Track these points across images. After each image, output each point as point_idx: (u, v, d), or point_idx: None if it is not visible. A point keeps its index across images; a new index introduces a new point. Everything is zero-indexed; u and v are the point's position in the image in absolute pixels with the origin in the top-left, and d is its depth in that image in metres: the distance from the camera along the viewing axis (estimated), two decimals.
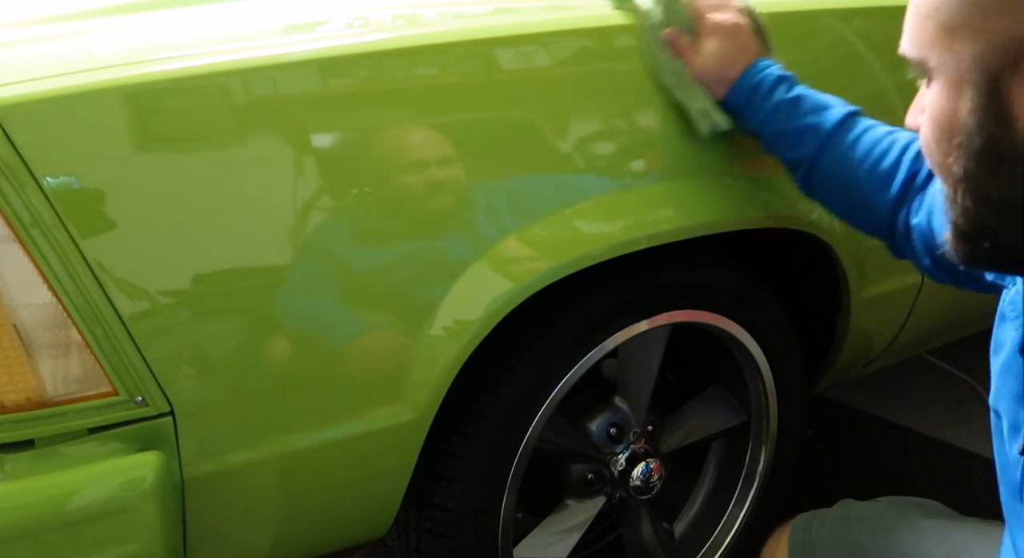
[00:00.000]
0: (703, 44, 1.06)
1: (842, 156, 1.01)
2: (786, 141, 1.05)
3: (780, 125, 1.04)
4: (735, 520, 1.42)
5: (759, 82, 1.05)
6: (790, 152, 1.05)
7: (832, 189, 1.04)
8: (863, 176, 0.99)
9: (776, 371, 1.33)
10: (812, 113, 1.03)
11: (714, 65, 1.05)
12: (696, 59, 1.05)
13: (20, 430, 0.82)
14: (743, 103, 1.06)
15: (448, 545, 1.12)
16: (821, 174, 1.03)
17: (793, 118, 1.03)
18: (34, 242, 0.77)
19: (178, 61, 0.84)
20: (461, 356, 0.98)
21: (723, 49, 1.05)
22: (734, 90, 1.06)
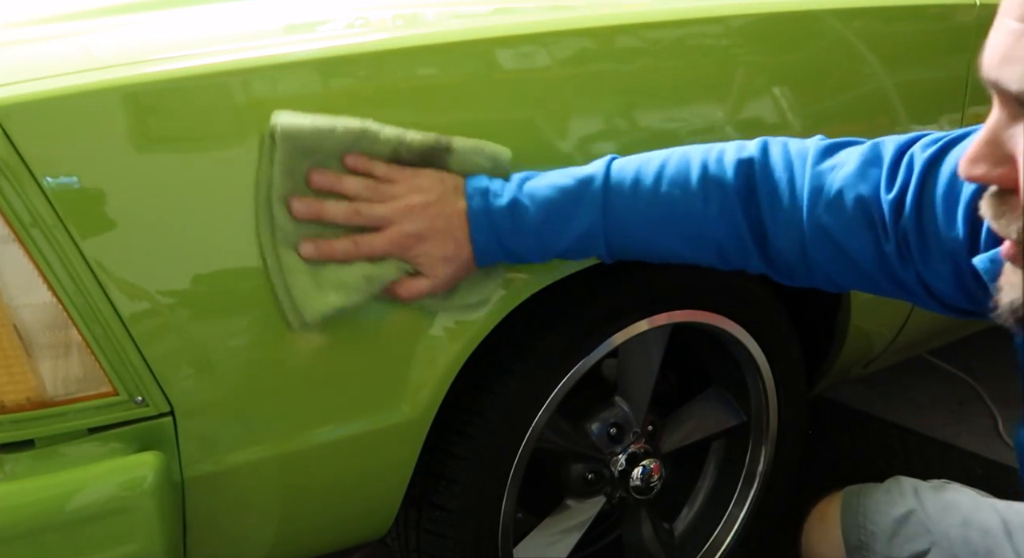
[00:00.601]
0: (415, 262, 0.87)
1: (636, 236, 0.88)
2: (574, 254, 0.90)
3: (552, 248, 0.89)
4: (735, 520, 1.42)
5: (494, 229, 0.87)
6: (586, 255, 0.91)
7: (652, 260, 0.91)
8: (672, 244, 0.87)
9: (776, 371, 1.33)
10: (572, 215, 0.86)
11: (449, 272, 0.88)
12: (424, 286, 0.88)
13: (20, 430, 0.81)
14: (499, 257, 0.90)
15: (448, 545, 1.12)
16: (631, 256, 0.90)
17: (558, 234, 0.87)
18: (34, 242, 0.77)
19: (178, 61, 0.84)
20: (461, 356, 0.98)
21: (436, 249, 0.86)
22: (478, 258, 0.88)
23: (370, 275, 0.86)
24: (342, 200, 0.84)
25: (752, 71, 1.12)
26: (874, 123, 1.24)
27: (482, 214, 0.86)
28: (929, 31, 1.30)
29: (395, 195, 0.85)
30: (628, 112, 1.04)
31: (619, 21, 1.05)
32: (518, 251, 0.89)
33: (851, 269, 0.82)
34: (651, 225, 0.87)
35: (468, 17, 1.06)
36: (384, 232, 0.85)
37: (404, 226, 0.85)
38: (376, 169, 0.85)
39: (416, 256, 0.86)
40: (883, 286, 0.82)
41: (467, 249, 0.87)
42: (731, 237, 0.86)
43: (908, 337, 1.49)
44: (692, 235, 0.87)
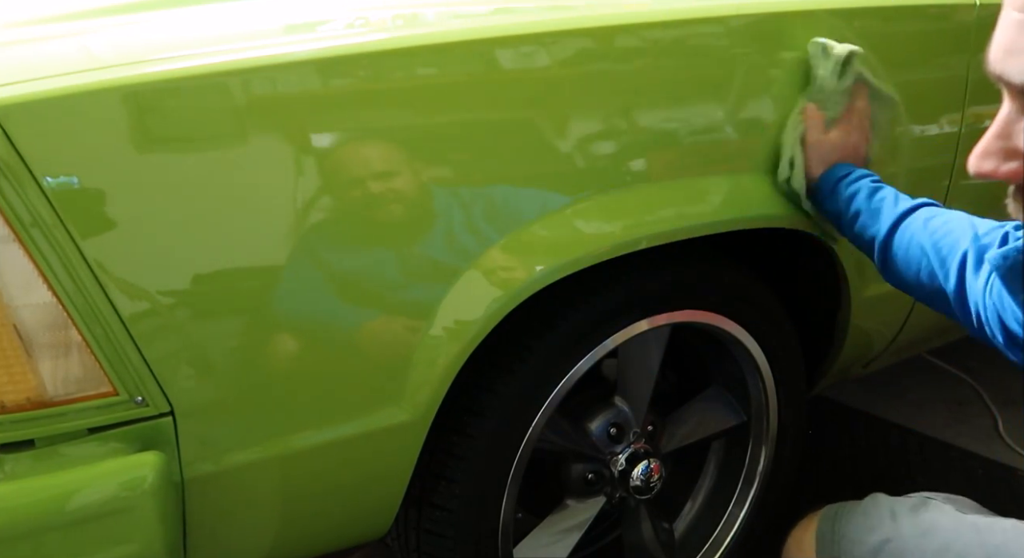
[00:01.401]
0: (833, 130, 1.15)
1: (909, 240, 1.02)
2: (860, 221, 1.09)
3: (857, 205, 1.09)
4: (735, 520, 1.42)
5: (848, 173, 1.12)
6: (864, 233, 1.09)
7: (905, 275, 1.04)
8: (928, 262, 0.98)
9: (776, 371, 1.33)
10: (887, 199, 1.07)
11: (827, 146, 1.14)
12: (820, 133, 1.14)
13: (20, 430, 0.81)
14: (830, 187, 1.13)
15: (448, 545, 1.12)
16: (892, 258, 1.05)
17: (870, 203, 1.08)
18: (34, 242, 0.77)
19: (178, 61, 0.84)
20: (461, 356, 0.98)
21: (842, 142, 1.15)
22: (827, 173, 1.14)
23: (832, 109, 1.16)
24: None
25: (752, 71, 1.12)
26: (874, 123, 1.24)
27: (849, 168, 1.13)
28: (929, 31, 1.30)
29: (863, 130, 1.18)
30: (628, 112, 1.04)
31: (619, 21, 1.05)
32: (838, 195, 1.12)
33: None
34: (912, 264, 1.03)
35: (468, 17, 1.06)
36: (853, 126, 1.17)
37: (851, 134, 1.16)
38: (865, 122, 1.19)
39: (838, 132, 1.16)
40: None
41: (835, 159, 1.15)
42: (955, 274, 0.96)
43: (908, 337, 1.49)
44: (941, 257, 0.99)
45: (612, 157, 1.04)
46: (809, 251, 1.27)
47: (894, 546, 0.91)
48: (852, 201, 1.10)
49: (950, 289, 0.96)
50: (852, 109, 1.16)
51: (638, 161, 1.06)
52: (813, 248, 1.26)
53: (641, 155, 1.06)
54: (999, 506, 0.90)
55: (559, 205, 1.01)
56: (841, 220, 1.13)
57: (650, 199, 1.07)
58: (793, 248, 1.27)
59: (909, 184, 1.17)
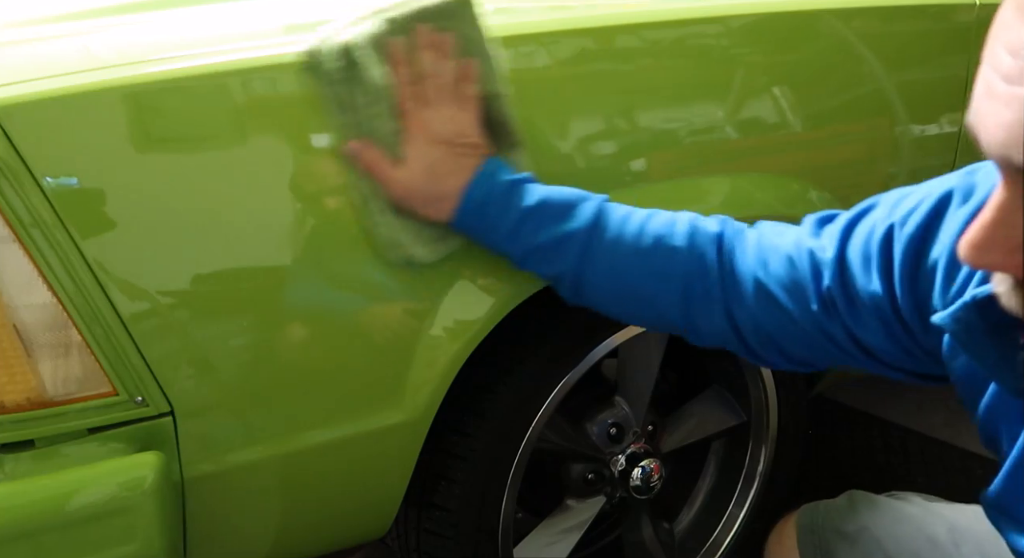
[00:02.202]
0: (407, 150, 0.85)
1: (607, 261, 0.87)
2: (539, 257, 0.89)
3: (528, 241, 0.87)
4: (735, 520, 1.42)
5: (488, 193, 0.87)
6: (547, 268, 0.90)
7: (608, 296, 0.91)
8: (641, 276, 0.87)
9: (776, 371, 1.33)
10: (561, 219, 0.87)
11: (418, 182, 0.85)
12: (394, 174, 0.85)
13: (20, 430, 0.81)
14: (474, 224, 0.88)
15: (448, 545, 1.12)
16: (590, 284, 0.89)
17: (542, 229, 0.87)
18: (34, 242, 0.77)
19: (178, 61, 0.84)
20: (461, 356, 0.98)
21: (433, 159, 0.85)
22: (460, 210, 0.87)
23: (381, 99, 0.84)
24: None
25: (752, 71, 1.12)
26: (874, 123, 1.24)
27: (489, 176, 0.88)
28: (929, 31, 1.30)
29: (454, 109, 0.87)
30: (628, 112, 1.04)
31: (619, 21, 1.05)
32: (494, 227, 0.88)
33: (789, 325, 0.82)
34: (630, 255, 0.87)
35: None
36: (422, 109, 0.86)
37: (437, 124, 0.86)
38: (468, 87, 0.88)
39: (415, 147, 0.86)
40: (821, 344, 0.81)
41: (452, 192, 0.87)
42: (699, 276, 0.86)
43: None
44: (663, 270, 0.87)
45: (612, 157, 1.04)
46: None
47: (870, 533, 0.94)
48: (516, 237, 0.87)
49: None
50: (412, 85, 0.85)
51: (638, 161, 1.06)
52: None
53: (641, 155, 1.06)
54: None
55: None
56: (510, 257, 0.90)
57: (650, 199, 1.07)
58: None
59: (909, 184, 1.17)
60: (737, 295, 0.85)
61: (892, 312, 0.74)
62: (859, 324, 0.77)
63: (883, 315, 0.75)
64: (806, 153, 1.20)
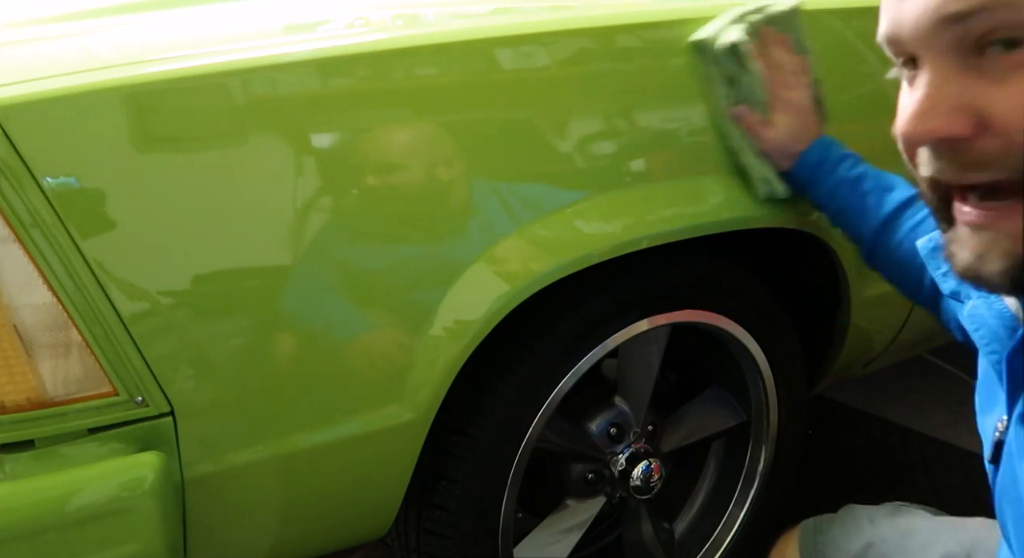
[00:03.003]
0: (773, 119, 1.11)
1: (900, 241, 1.02)
2: (847, 218, 1.09)
3: (842, 201, 1.08)
4: (735, 520, 1.42)
5: (823, 158, 1.10)
6: (851, 228, 1.09)
7: (893, 269, 1.06)
8: (918, 266, 0.97)
9: (776, 371, 1.33)
10: (873, 193, 1.06)
11: (782, 140, 1.11)
12: (765, 133, 1.11)
13: (20, 430, 0.81)
14: (807, 177, 1.11)
15: (448, 545, 1.12)
16: (881, 255, 1.06)
17: (854, 196, 1.07)
18: (34, 242, 0.77)
19: (178, 61, 0.84)
20: (461, 356, 0.98)
21: (791, 126, 1.11)
22: (799, 164, 1.11)
23: (760, 80, 1.09)
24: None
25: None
26: (874, 123, 1.24)
27: (826, 144, 1.11)
28: None
29: (802, 90, 1.12)
30: (628, 112, 1.04)
31: (619, 21, 1.05)
32: (821, 182, 1.10)
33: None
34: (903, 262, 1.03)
35: (468, 17, 1.07)
36: (790, 89, 1.11)
37: (799, 98, 1.11)
38: (805, 78, 1.13)
39: (784, 115, 1.11)
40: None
41: (798, 151, 1.11)
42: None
43: (908, 337, 1.49)
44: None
45: (612, 157, 1.04)
46: (809, 251, 1.27)
47: (877, 549, 0.93)
48: (834, 196, 1.09)
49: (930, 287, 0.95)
50: (772, 71, 1.10)
51: (638, 161, 1.06)
52: (813, 248, 1.25)
53: (641, 155, 1.06)
54: None
55: (559, 205, 1.01)
56: (824, 211, 1.13)
57: (650, 199, 1.07)
58: (793, 248, 1.27)
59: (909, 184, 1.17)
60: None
61: None
62: None
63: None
64: None
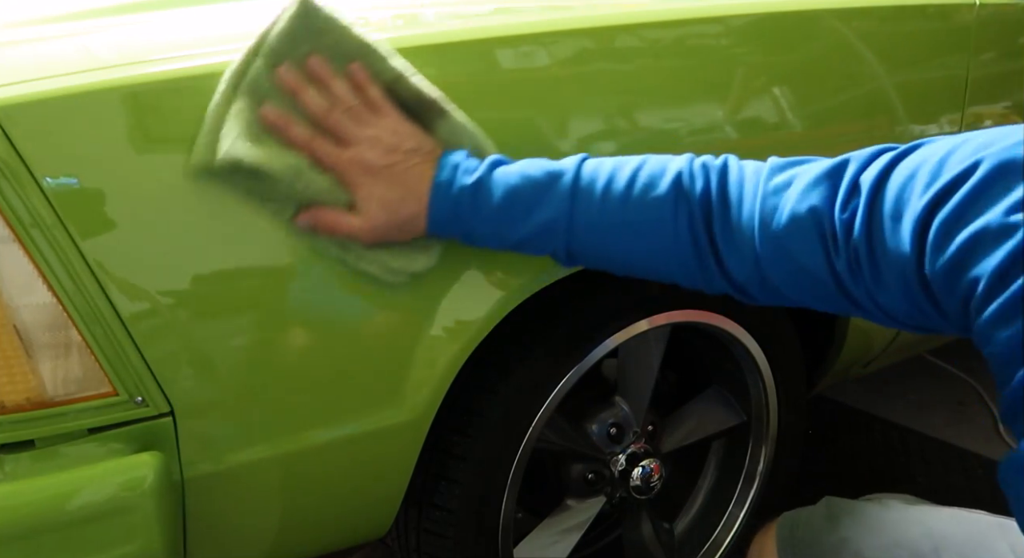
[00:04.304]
0: (354, 196, 0.83)
1: (594, 231, 0.84)
2: (528, 247, 0.87)
3: (508, 237, 0.86)
4: (735, 520, 1.42)
5: (454, 205, 0.84)
6: (538, 252, 0.88)
7: (601, 263, 0.89)
8: (630, 241, 0.84)
9: (776, 371, 1.33)
10: (536, 205, 0.84)
11: (382, 220, 0.83)
12: (351, 222, 0.83)
13: (20, 430, 0.81)
14: (453, 232, 0.87)
15: (448, 545, 1.12)
16: (582, 257, 0.87)
17: (517, 223, 0.84)
18: (34, 242, 0.77)
19: (178, 61, 0.84)
20: (461, 356, 0.98)
21: (380, 194, 0.82)
22: (430, 226, 0.85)
23: (300, 170, 0.80)
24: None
25: (752, 71, 1.12)
26: (874, 123, 1.24)
27: (446, 186, 0.84)
28: (929, 31, 1.30)
29: (373, 124, 0.83)
30: (628, 112, 1.04)
31: (619, 21, 1.05)
32: (474, 232, 0.86)
33: (809, 284, 0.79)
34: (617, 227, 0.83)
35: (468, 17, 1.06)
36: (343, 149, 0.81)
37: (365, 154, 0.81)
38: (370, 91, 0.83)
39: (359, 188, 0.82)
40: (838, 301, 0.79)
41: (417, 212, 0.84)
42: (692, 249, 0.83)
43: (908, 337, 1.49)
44: (657, 243, 0.83)
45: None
46: None
47: (852, 544, 0.93)
48: (498, 234, 0.86)
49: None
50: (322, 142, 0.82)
51: None
52: None
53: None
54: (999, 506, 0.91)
55: None
56: (503, 250, 0.89)
57: None
58: None
59: None
60: (738, 253, 0.82)
61: (915, 273, 0.70)
62: (879, 285, 0.74)
63: (905, 277, 0.71)
64: (806, 153, 1.20)
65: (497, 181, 0.85)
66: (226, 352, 0.87)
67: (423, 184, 0.83)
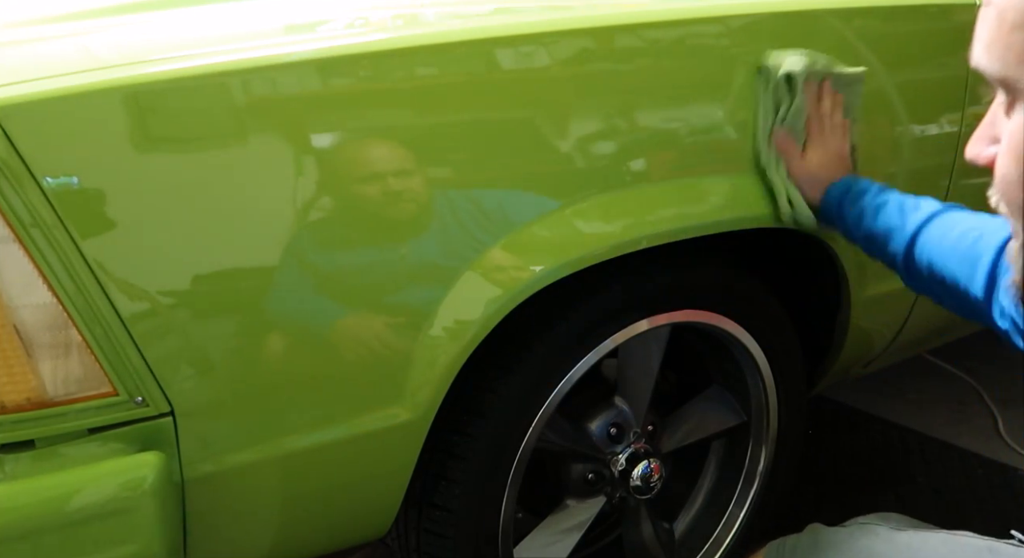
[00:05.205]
0: (809, 148, 1.14)
1: (930, 253, 1.01)
2: (876, 244, 1.08)
3: (868, 227, 1.08)
4: (735, 520, 1.42)
5: (848, 188, 1.12)
6: (882, 253, 1.08)
7: (931, 286, 1.04)
8: (953, 272, 0.98)
9: (776, 371, 1.33)
10: (898, 213, 1.06)
11: (812, 170, 1.14)
12: (798, 160, 1.14)
13: (20, 430, 0.81)
14: (834, 208, 1.12)
15: (448, 545, 1.12)
16: (915, 278, 1.05)
17: (880, 218, 1.07)
18: (34, 242, 0.77)
19: (178, 61, 0.84)
20: (461, 356, 0.98)
21: (822, 160, 1.14)
22: (827, 194, 1.13)
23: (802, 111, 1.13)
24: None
25: (752, 71, 1.12)
26: (874, 123, 1.24)
27: (851, 182, 1.13)
28: (929, 31, 1.30)
29: (840, 135, 1.16)
30: (628, 112, 1.04)
31: (619, 21, 1.05)
32: (845, 215, 1.11)
33: None
34: (938, 263, 1.01)
35: (468, 17, 1.06)
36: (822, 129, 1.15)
37: (840, 136, 1.16)
38: (845, 123, 1.17)
39: (820, 145, 1.15)
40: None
41: (828, 183, 1.13)
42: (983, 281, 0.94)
43: (908, 337, 1.49)
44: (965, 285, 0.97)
45: (612, 157, 1.04)
46: (809, 251, 1.27)
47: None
48: (860, 223, 1.09)
49: (978, 295, 0.94)
50: (817, 114, 1.14)
51: (638, 161, 1.06)
52: (813, 248, 1.26)
53: (641, 155, 1.06)
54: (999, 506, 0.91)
55: (559, 205, 1.01)
56: (857, 242, 1.12)
57: (650, 199, 1.07)
58: (793, 248, 1.27)
59: (909, 184, 1.17)
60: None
61: None
62: None
63: None
64: None
65: (883, 192, 1.09)
66: (226, 352, 0.87)
67: (840, 174, 1.15)
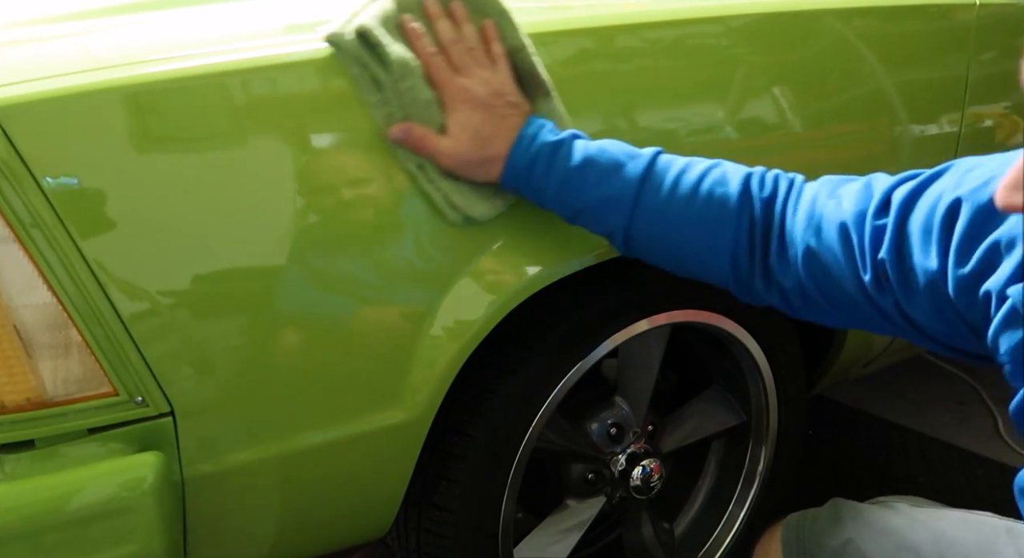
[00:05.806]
0: (448, 120, 0.87)
1: (658, 215, 0.88)
2: (588, 216, 0.90)
3: (574, 201, 0.89)
4: (735, 520, 1.42)
5: (534, 157, 0.88)
6: (597, 226, 0.91)
7: (657, 254, 0.92)
8: (692, 232, 0.87)
9: (776, 371, 1.33)
10: (608, 177, 0.88)
11: (464, 150, 0.87)
12: (438, 145, 0.87)
13: (20, 430, 0.81)
14: (522, 184, 0.90)
15: (448, 545, 1.12)
16: (640, 242, 0.90)
17: (587, 189, 0.88)
18: (34, 242, 0.77)
19: (178, 61, 0.84)
20: (461, 356, 0.98)
21: (472, 124, 0.87)
22: (506, 172, 0.89)
23: (411, 71, 0.86)
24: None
25: (752, 71, 1.12)
26: (874, 123, 1.24)
27: (530, 139, 0.89)
28: (929, 31, 1.30)
29: (487, 68, 0.90)
30: (628, 112, 1.04)
31: (619, 21, 1.05)
32: (543, 189, 0.90)
33: (840, 297, 0.83)
34: (680, 217, 0.88)
35: None
36: (457, 75, 0.88)
37: (475, 87, 0.88)
38: (494, 45, 0.91)
39: (457, 113, 0.88)
40: (870, 316, 0.82)
41: (499, 155, 0.89)
42: (747, 248, 0.87)
43: None
44: (714, 240, 0.87)
45: None
46: None
47: (855, 546, 0.94)
48: (562, 196, 0.89)
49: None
50: (440, 64, 0.87)
51: None
52: None
53: None
54: (999, 506, 0.91)
55: None
56: (561, 215, 0.93)
57: None
58: None
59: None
60: (785, 260, 0.86)
61: (943, 288, 0.73)
62: (909, 299, 0.77)
63: (935, 292, 0.74)
64: (806, 153, 1.20)
65: (576, 147, 0.89)
66: (226, 352, 0.87)
67: (512, 132, 0.89)
